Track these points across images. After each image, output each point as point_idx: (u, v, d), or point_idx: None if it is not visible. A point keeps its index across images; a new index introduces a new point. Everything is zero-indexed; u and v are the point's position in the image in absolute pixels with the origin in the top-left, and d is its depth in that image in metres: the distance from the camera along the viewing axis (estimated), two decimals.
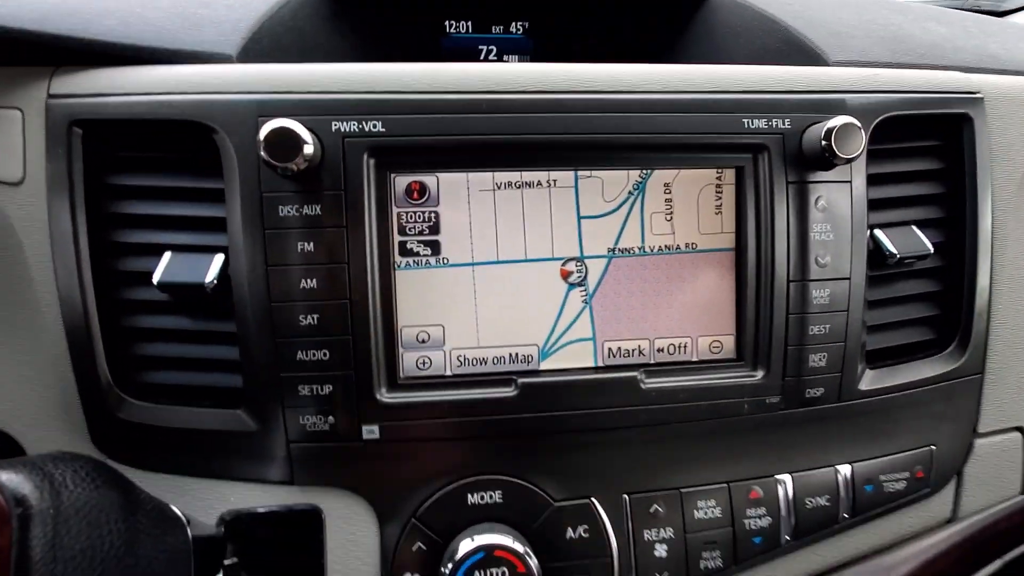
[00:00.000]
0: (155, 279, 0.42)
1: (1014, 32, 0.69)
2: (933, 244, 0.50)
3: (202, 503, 0.45)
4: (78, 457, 0.34)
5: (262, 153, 0.38)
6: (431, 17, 0.73)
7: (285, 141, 0.38)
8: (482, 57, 0.77)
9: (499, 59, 0.77)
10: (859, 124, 0.43)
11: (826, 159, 0.44)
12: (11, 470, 0.29)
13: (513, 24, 0.75)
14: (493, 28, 0.75)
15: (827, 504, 0.49)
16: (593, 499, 0.47)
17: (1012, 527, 0.57)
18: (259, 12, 0.52)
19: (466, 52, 0.76)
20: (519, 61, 0.78)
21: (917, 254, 0.49)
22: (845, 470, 0.50)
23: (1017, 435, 0.56)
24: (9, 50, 0.43)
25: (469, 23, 0.75)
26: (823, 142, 0.43)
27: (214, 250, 0.43)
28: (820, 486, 0.49)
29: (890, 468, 0.51)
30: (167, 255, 0.43)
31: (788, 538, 0.49)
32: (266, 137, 0.38)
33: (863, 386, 0.48)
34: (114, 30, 0.45)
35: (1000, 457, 0.55)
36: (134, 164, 0.44)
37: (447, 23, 0.74)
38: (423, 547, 0.45)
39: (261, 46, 0.51)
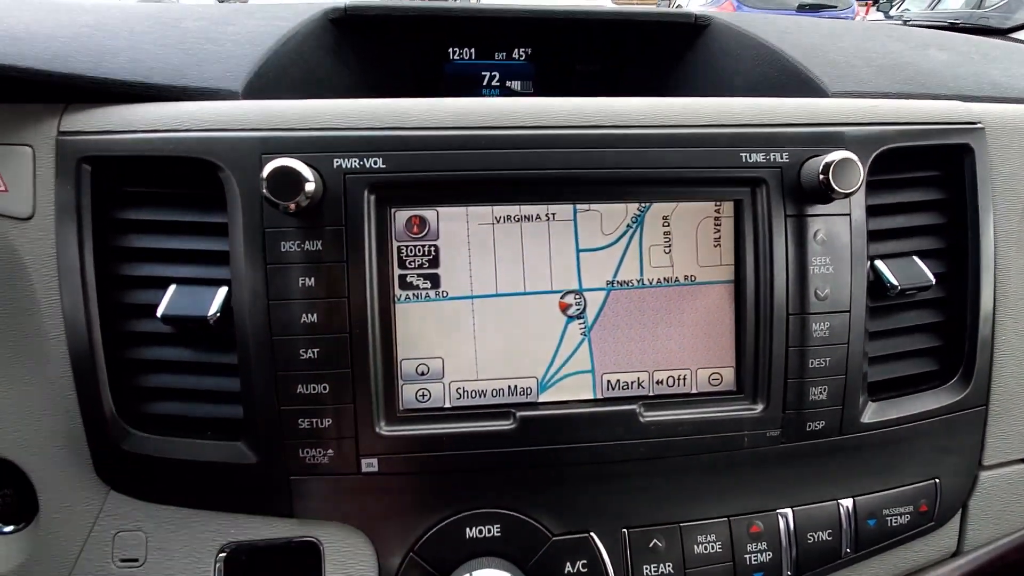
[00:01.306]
0: (159, 312, 0.43)
1: (1016, 57, 0.69)
2: (935, 275, 0.50)
3: (202, 535, 0.45)
4: None
5: (264, 191, 0.39)
6: (435, 45, 0.74)
7: (287, 180, 0.39)
8: (485, 83, 0.78)
9: (502, 84, 0.78)
10: (857, 159, 0.43)
11: (824, 193, 0.44)
12: None
13: (516, 51, 0.76)
14: (496, 55, 0.76)
15: (829, 538, 0.49)
16: (592, 533, 0.47)
17: (1020, 560, 0.56)
18: (264, 47, 0.53)
19: (469, 78, 0.77)
20: (522, 87, 0.79)
21: (918, 285, 0.49)
22: (847, 504, 0.49)
23: None
24: (21, 88, 0.44)
25: (472, 50, 0.76)
26: (821, 176, 0.43)
27: (218, 283, 0.44)
28: (822, 520, 0.49)
29: (893, 502, 0.50)
30: (171, 288, 0.43)
31: (790, 573, 0.48)
32: (268, 176, 0.39)
33: (865, 419, 0.48)
34: (124, 68, 0.46)
35: (1007, 490, 0.54)
36: (141, 199, 0.45)
37: (451, 50, 0.75)
38: None
39: (266, 81, 0.52)
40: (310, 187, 0.39)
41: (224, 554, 0.44)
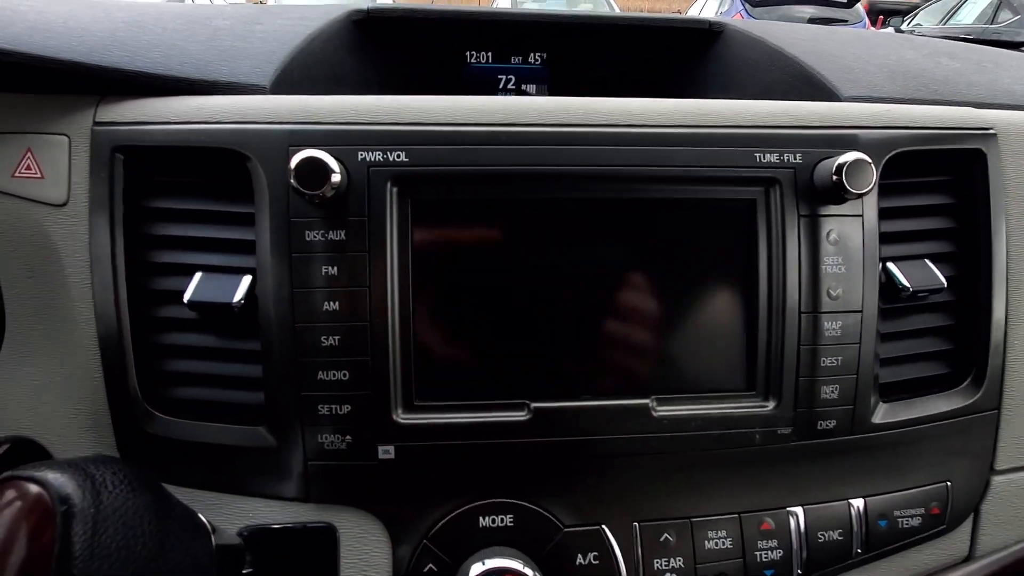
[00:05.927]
0: (186, 298, 0.44)
1: None
2: (948, 278, 0.50)
3: (222, 517, 0.46)
4: (116, 460, 0.36)
5: (292, 181, 0.40)
6: (453, 48, 0.76)
7: (314, 170, 0.40)
8: (501, 86, 0.79)
9: (517, 87, 0.80)
10: (870, 160, 0.44)
11: (837, 193, 0.44)
12: (56, 470, 0.31)
13: (531, 55, 0.78)
14: (512, 59, 0.78)
15: (840, 538, 0.49)
16: (603, 526, 0.47)
17: None
18: (291, 45, 0.55)
19: (486, 81, 0.78)
20: (537, 90, 0.80)
21: (930, 288, 0.49)
22: (858, 504, 0.50)
23: None
24: (59, 80, 0.45)
25: (489, 54, 0.77)
26: (834, 177, 0.44)
27: (242, 271, 0.45)
28: (833, 520, 0.49)
29: (904, 503, 0.50)
30: (198, 275, 0.45)
31: (800, 572, 0.49)
32: (296, 166, 0.40)
33: (876, 419, 0.48)
34: (157, 62, 0.48)
35: (1020, 495, 0.54)
36: (170, 188, 0.46)
37: (468, 53, 0.77)
38: (434, 568, 0.45)
39: (293, 77, 0.53)
40: (336, 178, 0.41)
41: (243, 536, 0.45)
